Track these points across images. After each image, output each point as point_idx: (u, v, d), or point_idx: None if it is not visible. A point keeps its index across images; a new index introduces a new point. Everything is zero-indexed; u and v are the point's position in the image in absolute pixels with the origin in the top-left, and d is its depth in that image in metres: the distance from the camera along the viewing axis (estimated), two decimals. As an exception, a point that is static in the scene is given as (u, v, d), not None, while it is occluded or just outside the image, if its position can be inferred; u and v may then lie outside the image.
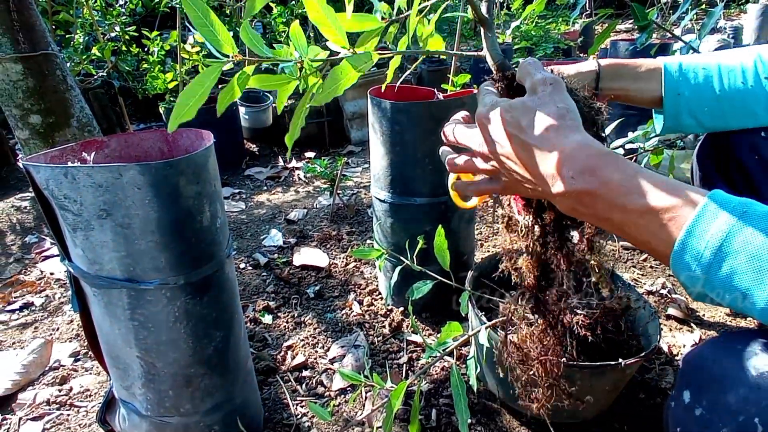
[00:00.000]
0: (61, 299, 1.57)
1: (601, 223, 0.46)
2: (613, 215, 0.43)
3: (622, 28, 7.03)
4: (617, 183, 0.43)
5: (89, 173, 0.64)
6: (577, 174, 0.44)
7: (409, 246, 1.04)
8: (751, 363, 0.42)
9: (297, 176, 2.72)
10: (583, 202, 0.45)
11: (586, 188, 0.44)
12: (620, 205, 0.43)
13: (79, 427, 1.06)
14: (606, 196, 0.43)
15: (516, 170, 0.50)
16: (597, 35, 1.52)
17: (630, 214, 0.42)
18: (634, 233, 0.43)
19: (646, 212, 0.41)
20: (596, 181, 0.44)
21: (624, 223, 0.43)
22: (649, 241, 0.43)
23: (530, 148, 0.47)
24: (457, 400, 0.72)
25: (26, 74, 1.30)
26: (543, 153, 0.46)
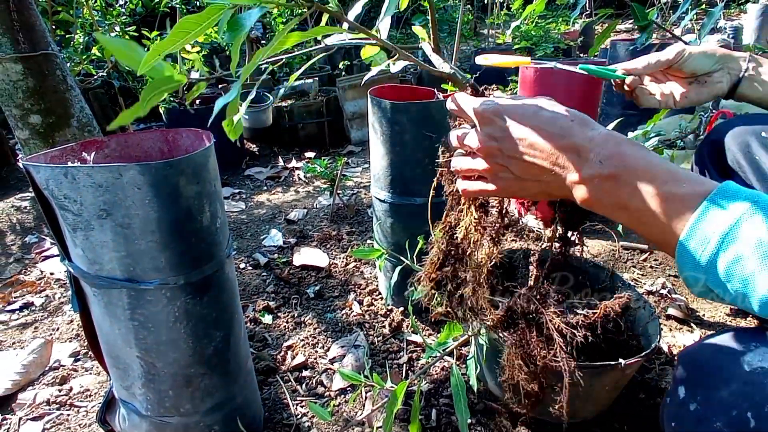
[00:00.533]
0: (61, 299, 1.57)
1: (618, 213, 0.47)
2: (634, 202, 0.44)
3: (622, 28, 7.03)
4: (643, 169, 0.44)
5: (89, 173, 0.64)
6: (605, 159, 0.46)
7: (409, 246, 1.04)
8: (744, 359, 0.42)
9: (297, 176, 2.72)
10: (606, 188, 0.46)
11: (612, 172, 0.45)
12: (643, 190, 0.44)
13: (79, 427, 1.06)
14: (630, 181, 0.44)
15: (534, 162, 0.50)
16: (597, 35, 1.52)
17: (651, 201, 0.43)
18: (650, 222, 0.44)
19: (667, 199, 0.42)
20: (623, 165, 0.45)
21: (642, 212, 0.44)
22: (664, 231, 0.43)
23: (556, 137, 0.48)
24: (457, 400, 0.72)
25: (26, 74, 1.30)
26: (570, 141, 0.48)
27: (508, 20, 5.45)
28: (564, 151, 0.48)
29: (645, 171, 0.44)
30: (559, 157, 0.49)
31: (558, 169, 0.49)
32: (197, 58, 2.54)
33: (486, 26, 5.94)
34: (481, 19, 6.50)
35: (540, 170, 0.50)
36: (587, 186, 0.47)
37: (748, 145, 0.74)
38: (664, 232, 0.43)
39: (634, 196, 0.44)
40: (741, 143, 0.75)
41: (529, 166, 0.51)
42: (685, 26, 1.44)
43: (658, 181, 0.43)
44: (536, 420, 1.00)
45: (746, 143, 0.74)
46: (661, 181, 0.43)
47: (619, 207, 0.46)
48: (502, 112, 0.52)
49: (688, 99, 0.79)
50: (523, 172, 0.52)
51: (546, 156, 0.49)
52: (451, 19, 4.71)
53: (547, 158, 0.49)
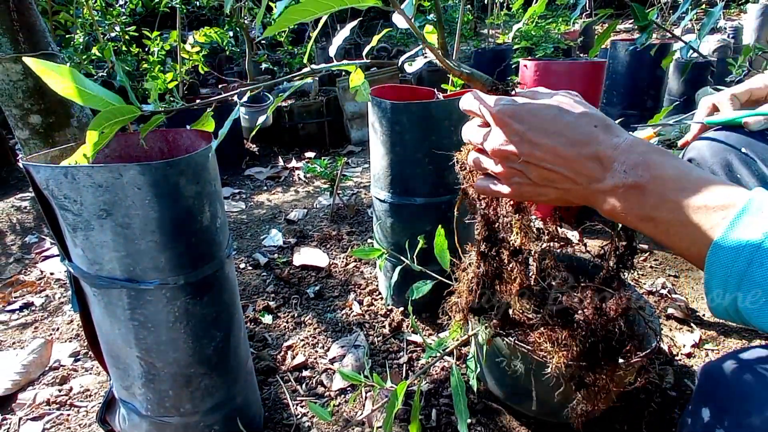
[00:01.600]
0: (61, 299, 1.57)
1: (644, 224, 0.44)
2: (661, 213, 0.42)
3: (622, 28, 7.03)
4: (670, 178, 0.42)
5: (89, 173, 0.64)
6: (630, 168, 0.43)
7: (409, 246, 1.04)
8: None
9: (297, 176, 2.72)
10: (631, 198, 0.44)
11: (637, 182, 0.43)
12: (672, 200, 0.41)
13: (79, 427, 1.06)
14: (657, 190, 0.42)
15: (554, 169, 0.48)
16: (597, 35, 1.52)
17: (681, 211, 0.41)
18: (679, 232, 0.42)
19: (699, 208, 0.40)
20: (649, 174, 0.43)
21: (671, 223, 0.42)
22: (693, 241, 0.41)
23: (578, 144, 0.46)
24: (457, 400, 0.72)
25: (26, 74, 1.30)
26: (594, 148, 0.45)
27: (508, 20, 5.45)
28: (586, 159, 0.46)
29: (673, 180, 0.42)
30: (580, 165, 0.46)
31: (579, 178, 0.47)
32: (198, 58, 2.54)
33: (486, 26, 5.94)
34: (481, 19, 6.50)
35: (559, 177, 0.48)
36: (611, 196, 0.45)
37: (729, 163, 0.72)
38: (693, 243, 0.41)
39: (662, 207, 0.42)
40: (722, 161, 0.73)
41: (548, 173, 0.48)
42: (685, 26, 1.44)
43: (687, 191, 0.41)
44: (536, 420, 1.00)
45: (727, 161, 0.72)
46: (691, 190, 0.41)
47: (644, 218, 0.44)
48: (521, 114, 0.49)
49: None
50: (541, 178, 0.49)
51: (566, 163, 0.47)
52: (451, 19, 4.71)
53: (567, 166, 0.47)
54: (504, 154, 0.51)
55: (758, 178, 0.69)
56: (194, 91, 3.03)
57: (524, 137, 0.48)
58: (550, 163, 0.48)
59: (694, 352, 1.21)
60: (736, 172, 0.71)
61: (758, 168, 0.69)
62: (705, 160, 0.75)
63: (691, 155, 0.79)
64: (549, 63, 2.24)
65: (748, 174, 0.69)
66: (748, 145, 0.71)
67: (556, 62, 2.32)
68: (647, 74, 2.49)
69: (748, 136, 0.72)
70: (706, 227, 0.40)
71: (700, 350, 1.21)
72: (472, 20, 6.19)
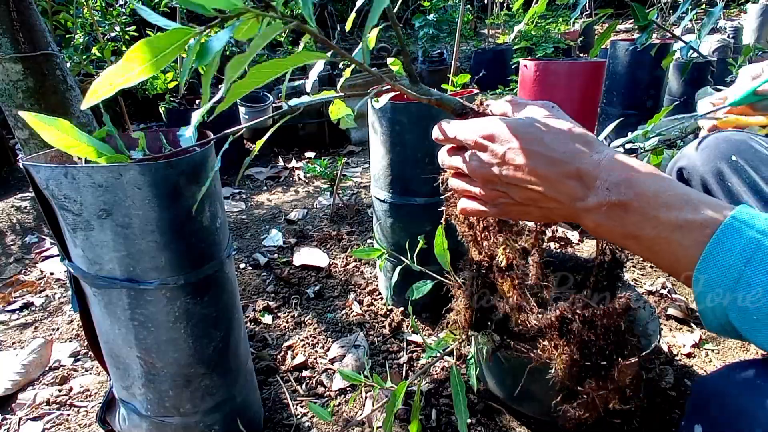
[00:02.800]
0: (61, 299, 1.57)
1: (628, 242, 0.44)
2: (645, 230, 0.42)
3: (622, 28, 7.03)
4: (653, 194, 0.42)
5: (89, 173, 0.64)
6: (613, 186, 0.43)
7: (409, 246, 1.04)
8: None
9: (297, 176, 2.72)
10: (615, 216, 0.43)
11: (620, 200, 0.43)
12: (654, 218, 0.41)
13: (79, 427, 1.06)
14: (641, 208, 0.42)
15: (537, 189, 0.47)
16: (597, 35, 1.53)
17: (663, 229, 0.41)
18: (663, 250, 0.42)
19: (681, 226, 0.40)
20: (632, 192, 0.42)
21: (654, 240, 0.42)
22: (678, 259, 0.41)
23: (559, 164, 0.45)
24: (457, 400, 0.72)
25: (26, 74, 1.30)
26: (575, 167, 0.45)
27: (508, 20, 5.45)
28: (568, 178, 0.45)
29: (655, 196, 0.41)
30: (562, 185, 0.46)
31: (562, 197, 0.46)
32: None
33: (486, 26, 5.94)
34: (481, 19, 6.50)
35: (542, 197, 0.47)
36: (594, 214, 0.45)
37: (720, 171, 0.72)
38: (678, 261, 0.41)
39: (646, 224, 0.42)
40: (713, 169, 0.73)
41: (531, 193, 0.48)
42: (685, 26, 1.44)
43: (671, 208, 0.41)
44: (536, 420, 1.00)
45: (718, 169, 0.72)
46: (675, 207, 0.41)
47: (628, 236, 0.44)
48: (499, 135, 0.48)
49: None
50: (524, 198, 0.49)
51: (548, 183, 0.46)
52: (451, 19, 4.71)
53: (549, 186, 0.46)
54: (485, 177, 0.50)
55: (749, 185, 0.68)
56: (194, 91, 3.03)
57: (504, 159, 0.47)
58: (532, 183, 0.47)
59: (694, 352, 1.21)
60: (727, 180, 0.71)
61: (749, 175, 0.69)
62: (696, 169, 0.75)
63: (682, 164, 0.78)
64: (549, 63, 2.24)
65: (739, 182, 0.69)
66: (738, 153, 0.71)
67: (556, 62, 2.32)
68: (647, 74, 2.49)
69: (738, 143, 0.72)
70: (689, 244, 0.40)
71: (700, 350, 1.21)
72: (472, 20, 6.19)
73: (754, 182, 0.68)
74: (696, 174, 0.75)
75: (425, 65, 4.73)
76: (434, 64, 4.69)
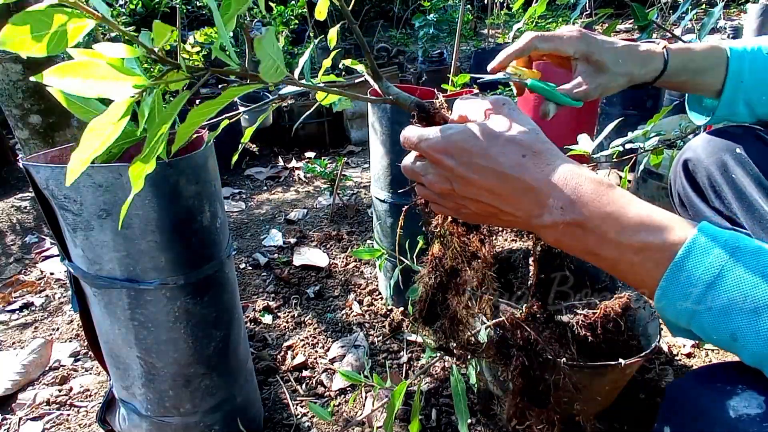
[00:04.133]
0: (61, 299, 1.56)
1: (589, 258, 0.43)
2: (604, 251, 0.41)
3: (622, 28, 7.03)
4: (608, 216, 0.40)
5: (89, 173, 0.64)
6: (567, 204, 0.41)
7: (409, 246, 1.04)
8: (730, 403, 0.40)
9: (297, 176, 2.72)
10: (573, 235, 0.42)
11: (576, 220, 0.41)
12: (613, 240, 0.40)
13: (79, 427, 1.06)
14: (598, 229, 0.40)
15: (491, 204, 0.46)
16: (597, 35, 1.52)
17: (624, 251, 0.40)
18: (625, 270, 0.41)
19: (641, 249, 0.39)
20: (587, 212, 0.41)
21: (616, 260, 0.41)
22: (643, 279, 0.40)
23: (508, 179, 0.43)
24: (457, 400, 0.72)
25: (26, 74, 1.30)
26: (525, 182, 0.43)
27: (508, 20, 5.45)
28: (520, 194, 0.43)
29: (612, 218, 0.40)
30: (515, 200, 0.44)
31: (518, 212, 0.44)
32: (198, 58, 2.54)
33: (486, 26, 5.94)
34: (481, 19, 6.50)
35: (498, 212, 0.46)
36: (552, 231, 0.43)
37: (724, 163, 0.71)
38: (642, 280, 0.40)
39: (605, 245, 0.41)
40: (717, 161, 0.72)
41: (486, 207, 0.46)
42: (685, 26, 1.44)
43: (627, 231, 0.39)
44: (536, 420, 1.00)
45: (722, 161, 0.72)
46: (632, 230, 0.39)
47: (589, 253, 0.42)
48: (449, 148, 0.46)
49: (585, 90, 0.66)
50: (483, 211, 0.47)
51: (501, 199, 0.44)
52: (451, 19, 4.71)
53: (503, 201, 0.44)
54: (442, 192, 0.49)
55: (752, 177, 0.68)
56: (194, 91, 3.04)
57: (456, 173, 0.46)
58: (486, 198, 0.45)
59: (694, 352, 1.21)
60: (731, 172, 0.71)
61: (753, 168, 0.69)
62: (701, 161, 0.75)
63: (688, 156, 0.78)
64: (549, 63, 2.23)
65: (743, 173, 0.69)
66: (743, 145, 0.71)
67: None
68: (647, 74, 2.49)
69: (743, 137, 0.72)
70: (651, 267, 0.39)
71: (700, 350, 1.21)
72: (472, 20, 6.19)
73: (758, 175, 0.68)
74: (701, 166, 0.75)
75: (425, 65, 4.73)
76: (434, 64, 4.68)
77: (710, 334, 0.38)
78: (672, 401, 0.46)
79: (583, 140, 1.05)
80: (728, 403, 0.39)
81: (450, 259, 0.63)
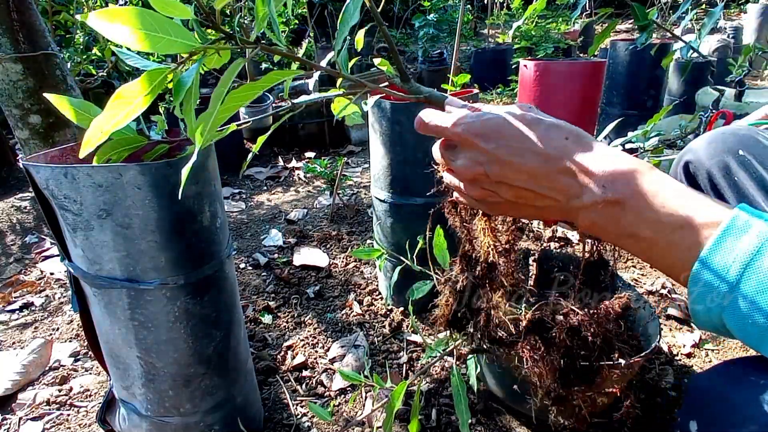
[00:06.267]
0: (61, 299, 1.56)
1: (626, 241, 0.43)
2: (642, 230, 0.40)
3: (622, 28, 7.03)
4: (649, 192, 0.40)
5: (89, 173, 0.64)
6: (609, 183, 0.41)
7: (409, 246, 1.04)
8: (764, 398, 0.38)
9: (297, 176, 2.72)
10: (611, 215, 0.42)
11: (617, 198, 0.41)
12: (652, 217, 0.40)
13: (79, 427, 1.06)
14: (637, 206, 0.40)
15: (528, 188, 0.45)
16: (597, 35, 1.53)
17: (662, 229, 0.39)
18: (662, 250, 0.40)
19: (680, 226, 0.39)
20: (628, 189, 0.40)
21: (652, 240, 0.40)
22: (677, 260, 0.40)
23: (550, 159, 0.43)
24: (458, 400, 0.72)
25: (26, 74, 1.30)
26: (569, 163, 0.43)
27: (508, 20, 5.45)
28: (560, 175, 0.43)
29: (652, 195, 0.40)
30: (556, 182, 0.43)
31: (556, 194, 0.44)
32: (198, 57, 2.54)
33: (486, 26, 5.94)
34: (481, 19, 6.50)
35: (535, 195, 0.45)
36: (590, 212, 0.43)
37: (726, 165, 0.71)
38: (677, 262, 0.40)
39: (643, 224, 0.40)
40: (719, 163, 0.72)
41: (523, 192, 0.45)
42: (685, 26, 1.44)
43: (669, 207, 0.39)
44: (536, 420, 1.00)
45: (725, 163, 0.71)
46: (674, 206, 0.39)
47: (625, 235, 0.42)
48: (487, 131, 0.45)
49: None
50: (516, 197, 0.46)
51: (539, 181, 0.44)
52: (451, 19, 4.71)
53: (542, 183, 0.44)
54: (474, 177, 0.48)
55: (756, 180, 0.68)
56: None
57: (493, 157, 0.45)
58: (524, 182, 0.45)
59: (694, 352, 1.21)
60: (734, 175, 0.70)
61: (756, 170, 0.68)
62: (702, 163, 0.74)
63: (689, 158, 0.78)
64: (549, 63, 2.24)
65: (746, 176, 0.69)
66: (745, 147, 0.70)
67: (556, 62, 2.31)
68: (647, 74, 2.49)
69: (745, 138, 0.72)
70: (689, 245, 0.38)
71: (700, 350, 1.21)
72: (472, 20, 6.19)
73: (762, 177, 0.67)
74: (702, 168, 0.74)
75: (425, 65, 4.72)
76: (434, 64, 4.68)
77: (745, 319, 0.37)
78: (698, 396, 0.45)
79: (583, 140, 1.05)
80: (762, 398, 0.38)
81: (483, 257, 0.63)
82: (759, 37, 5.22)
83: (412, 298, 0.95)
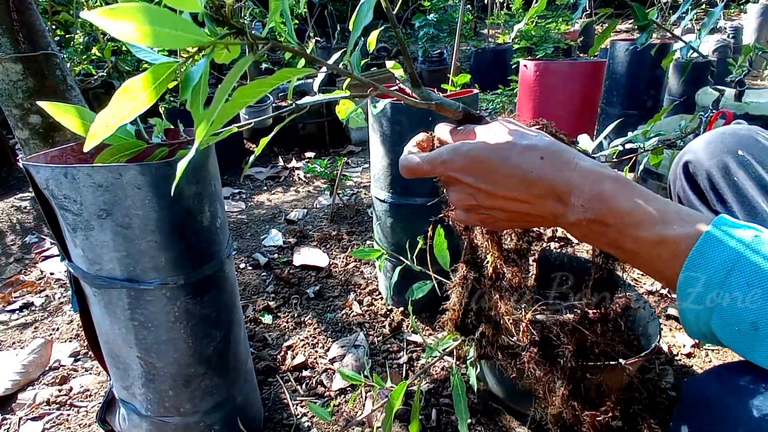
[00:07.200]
0: (61, 299, 1.56)
1: (613, 251, 0.45)
2: (625, 244, 0.43)
3: (622, 28, 7.03)
4: (626, 211, 0.42)
5: (89, 173, 0.64)
6: (587, 203, 0.43)
7: (409, 246, 1.04)
8: (754, 403, 0.39)
9: (297, 176, 2.72)
10: (596, 231, 0.44)
11: (597, 216, 0.43)
12: (632, 234, 0.42)
13: (79, 427, 1.06)
14: (617, 225, 0.42)
15: (516, 210, 0.47)
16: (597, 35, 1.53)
17: (642, 244, 0.42)
18: (646, 262, 0.43)
19: (657, 242, 0.41)
20: (607, 208, 0.43)
21: (636, 253, 0.43)
22: (662, 271, 0.42)
23: (532, 184, 0.45)
24: (457, 400, 0.72)
25: (26, 74, 1.30)
26: (544, 186, 0.45)
27: (509, 20, 5.45)
28: (544, 198, 0.45)
29: (631, 213, 0.42)
30: (540, 204, 0.46)
31: (544, 213, 0.46)
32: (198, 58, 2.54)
33: (486, 26, 5.94)
34: (481, 19, 6.50)
35: (525, 216, 0.48)
36: (576, 229, 0.45)
37: (726, 165, 0.71)
38: (662, 271, 0.42)
39: (624, 239, 0.43)
40: (718, 163, 0.72)
41: (513, 214, 0.48)
42: (685, 26, 1.44)
43: (646, 224, 0.41)
44: (536, 419, 1.00)
45: (724, 163, 0.71)
46: (650, 224, 0.41)
47: (613, 247, 0.45)
48: (466, 165, 0.47)
49: None
50: (509, 217, 0.49)
51: (526, 205, 0.46)
52: (451, 19, 4.71)
53: (528, 206, 0.46)
54: (467, 207, 0.50)
55: (755, 180, 0.68)
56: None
57: (478, 189, 0.47)
58: (513, 206, 0.47)
59: (694, 352, 1.21)
60: (733, 175, 0.70)
61: (755, 170, 0.68)
62: (701, 163, 0.74)
63: (688, 158, 0.78)
64: (549, 63, 2.24)
65: (745, 176, 0.69)
66: (745, 147, 0.70)
67: (556, 62, 2.31)
68: (647, 74, 2.49)
69: (745, 138, 0.72)
70: (668, 258, 0.41)
71: (700, 350, 1.21)
72: (472, 20, 6.19)
73: (761, 177, 0.67)
74: (701, 168, 0.74)
75: (425, 65, 4.73)
76: (434, 64, 4.68)
77: (731, 326, 0.38)
78: (690, 400, 0.46)
79: (583, 140, 1.05)
80: (752, 403, 0.39)
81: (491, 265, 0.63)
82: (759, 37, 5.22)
83: (411, 298, 0.95)
